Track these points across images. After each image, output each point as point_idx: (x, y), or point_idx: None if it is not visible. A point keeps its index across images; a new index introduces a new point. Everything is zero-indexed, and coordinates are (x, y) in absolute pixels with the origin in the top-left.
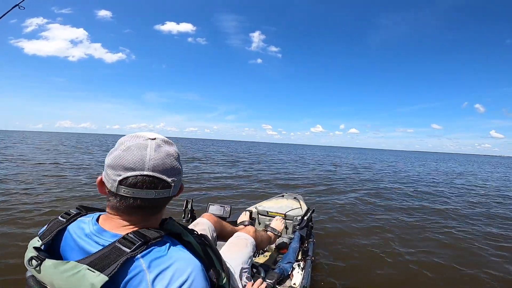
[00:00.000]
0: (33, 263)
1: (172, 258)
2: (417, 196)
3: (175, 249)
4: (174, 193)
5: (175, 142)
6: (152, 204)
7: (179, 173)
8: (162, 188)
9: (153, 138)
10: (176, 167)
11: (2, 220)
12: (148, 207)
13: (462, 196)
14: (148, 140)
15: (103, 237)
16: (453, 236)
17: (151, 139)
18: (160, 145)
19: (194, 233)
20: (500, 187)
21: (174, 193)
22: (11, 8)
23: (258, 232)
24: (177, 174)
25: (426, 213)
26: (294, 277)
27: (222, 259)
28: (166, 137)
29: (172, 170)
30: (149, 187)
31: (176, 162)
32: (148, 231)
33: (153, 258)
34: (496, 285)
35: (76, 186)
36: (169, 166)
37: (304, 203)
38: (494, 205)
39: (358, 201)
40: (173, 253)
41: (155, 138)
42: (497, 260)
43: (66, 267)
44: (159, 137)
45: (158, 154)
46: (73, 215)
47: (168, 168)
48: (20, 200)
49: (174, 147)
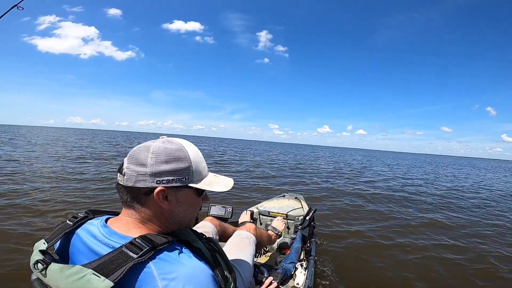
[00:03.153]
0: (39, 267)
1: (183, 265)
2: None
3: (185, 256)
4: (128, 183)
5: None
6: (120, 191)
7: (139, 164)
8: (120, 172)
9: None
10: (138, 158)
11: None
12: (121, 194)
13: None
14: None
15: (112, 238)
16: (463, 242)
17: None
18: (156, 141)
19: (203, 238)
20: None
21: (127, 182)
22: (10, 9)
23: (259, 230)
24: (136, 164)
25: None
26: (297, 277)
27: (230, 264)
28: (172, 134)
29: (133, 158)
30: (117, 169)
31: (144, 154)
32: (156, 236)
33: (164, 265)
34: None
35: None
36: (135, 154)
37: (305, 203)
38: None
39: (362, 202)
40: (183, 260)
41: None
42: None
43: (72, 271)
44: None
45: (139, 144)
46: (80, 218)
47: (132, 155)
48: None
49: (169, 145)
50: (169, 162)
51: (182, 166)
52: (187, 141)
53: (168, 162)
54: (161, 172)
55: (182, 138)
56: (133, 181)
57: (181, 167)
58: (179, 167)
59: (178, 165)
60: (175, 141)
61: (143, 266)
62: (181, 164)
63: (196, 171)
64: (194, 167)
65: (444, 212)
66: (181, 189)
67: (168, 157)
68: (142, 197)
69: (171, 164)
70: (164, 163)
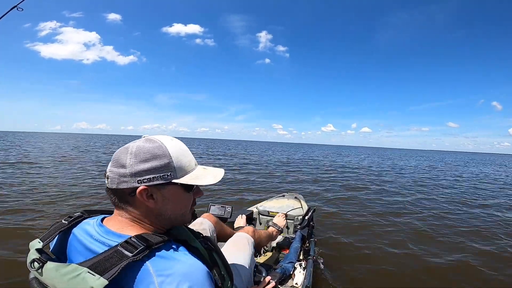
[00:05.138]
0: (35, 265)
1: (180, 262)
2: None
3: (181, 254)
4: (112, 186)
5: (187, 142)
6: (108, 194)
7: (119, 166)
8: (105, 176)
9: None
10: (119, 160)
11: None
12: (109, 196)
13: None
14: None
15: (108, 237)
16: (467, 237)
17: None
18: (137, 141)
19: (200, 237)
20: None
21: (111, 185)
22: (10, 10)
23: (257, 232)
24: (117, 166)
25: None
26: (296, 277)
27: (227, 263)
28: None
29: (114, 161)
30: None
31: (124, 155)
32: (151, 235)
33: (160, 262)
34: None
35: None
36: (116, 156)
37: (305, 202)
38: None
39: (364, 201)
40: (179, 257)
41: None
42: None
43: (67, 269)
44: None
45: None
46: (75, 217)
47: (114, 158)
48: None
49: (148, 143)
50: (147, 160)
51: (161, 163)
52: (168, 137)
53: (147, 161)
54: (140, 172)
55: (187, 142)
56: (116, 183)
57: (161, 164)
58: (158, 164)
59: (157, 162)
60: (154, 139)
61: (139, 264)
62: (160, 161)
63: (179, 166)
64: (176, 163)
65: (449, 216)
66: (165, 186)
67: (146, 156)
68: (128, 197)
69: (150, 163)
70: (142, 162)
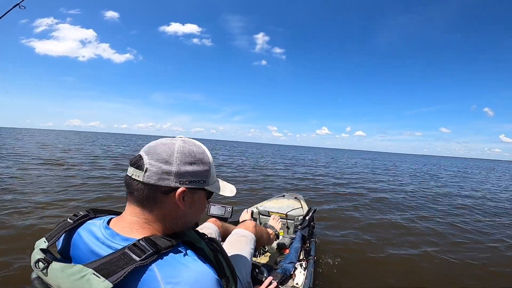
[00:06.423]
0: (40, 265)
1: (188, 268)
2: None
3: (189, 259)
4: (149, 181)
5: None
6: (134, 188)
7: (163, 162)
8: (137, 167)
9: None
10: (162, 155)
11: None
12: (135, 191)
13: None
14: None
15: (115, 240)
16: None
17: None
18: (177, 140)
19: (205, 238)
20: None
21: (149, 180)
22: (12, 8)
23: (259, 227)
24: (160, 161)
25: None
26: (297, 277)
27: (232, 265)
28: (170, 136)
29: (155, 154)
30: (131, 163)
31: (168, 152)
32: (160, 239)
33: (168, 268)
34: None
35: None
36: (157, 150)
37: (305, 203)
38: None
39: (364, 201)
40: (188, 263)
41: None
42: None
43: (73, 270)
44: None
45: (155, 141)
46: (80, 216)
47: (152, 150)
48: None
49: (193, 147)
50: (193, 163)
51: (203, 168)
52: (202, 144)
53: (192, 164)
54: (185, 173)
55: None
56: (156, 178)
57: (203, 170)
58: (201, 169)
59: (200, 167)
60: (197, 143)
61: (146, 269)
62: (203, 167)
63: (212, 175)
64: (212, 171)
65: (451, 217)
66: (197, 191)
67: (193, 159)
68: (159, 195)
69: (195, 166)
70: (189, 164)
